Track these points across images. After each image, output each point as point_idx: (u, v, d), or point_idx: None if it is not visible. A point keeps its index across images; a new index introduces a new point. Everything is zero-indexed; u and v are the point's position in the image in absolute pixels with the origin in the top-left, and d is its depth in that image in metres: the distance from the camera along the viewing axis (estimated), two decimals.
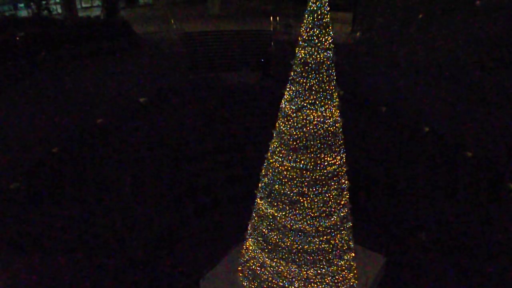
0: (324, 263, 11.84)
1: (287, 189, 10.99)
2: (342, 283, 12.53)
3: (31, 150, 21.78)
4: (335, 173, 11.03)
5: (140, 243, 17.39)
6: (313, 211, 11.10)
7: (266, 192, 11.60)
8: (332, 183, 11.05)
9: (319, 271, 11.90)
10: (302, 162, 10.59)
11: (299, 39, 9.73)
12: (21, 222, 18.06)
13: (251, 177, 13.78)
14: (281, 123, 10.72)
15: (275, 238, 11.74)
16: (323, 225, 11.37)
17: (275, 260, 11.98)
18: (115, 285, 15.48)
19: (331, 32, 9.61)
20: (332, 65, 9.97)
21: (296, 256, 11.65)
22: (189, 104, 26.90)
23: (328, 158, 10.71)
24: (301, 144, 10.41)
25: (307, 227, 11.26)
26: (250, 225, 12.90)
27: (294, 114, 10.26)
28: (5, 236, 17.27)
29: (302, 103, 10.06)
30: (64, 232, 17.76)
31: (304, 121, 10.20)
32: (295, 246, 11.52)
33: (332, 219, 11.45)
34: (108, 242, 17.43)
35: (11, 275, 15.57)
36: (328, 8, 9.33)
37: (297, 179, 10.78)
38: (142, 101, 27.00)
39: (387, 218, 18.84)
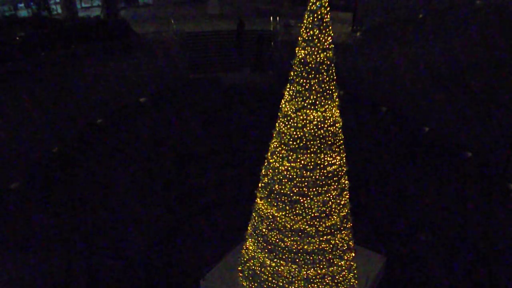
0: (324, 263, 11.83)
1: (287, 189, 10.98)
2: (342, 283, 12.52)
3: (31, 150, 21.77)
4: (335, 173, 11.02)
5: (140, 243, 17.38)
6: (313, 211, 11.09)
7: (266, 192, 11.58)
8: (332, 183, 11.04)
9: (319, 271, 11.89)
10: (302, 162, 10.57)
11: (299, 39, 9.70)
12: (21, 222, 18.05)
13: (251, 177, 13.75)
14: (281, 123, 10.71)
15: (275, 238, 11.72)
16: (323, 225, 11.36)
17: (275, 260, 11.97)
18: (115, 285, 15.48)
19: (331, 32, 9.59)
20: (332, 65, 9.96)
21: (296, 256, 11.64)
22: (189, 104, 26.90)
23: (328, 158, 10.70)
24: (301, 144, 10.39)
25: (307, 227, 11.25)
26: (250, 225, 12.88)
27: (294, 114, 10.25)
28: (5, 236, 17.26)
29: (302, 103, 10.04)
30: (64, 232, 17.76)
31: (304, 121, 10.18)
32: (295, 246, 11.51)
33: (332, 219, 11.44)
34: (108, 242, 17.42)
35: (11, 275, 15.56)
36: (328, 8, 9.30)
37: (297, 179, 10.77)
38: (142, 101, 27.01)
39: (387, 218, 18.83)
